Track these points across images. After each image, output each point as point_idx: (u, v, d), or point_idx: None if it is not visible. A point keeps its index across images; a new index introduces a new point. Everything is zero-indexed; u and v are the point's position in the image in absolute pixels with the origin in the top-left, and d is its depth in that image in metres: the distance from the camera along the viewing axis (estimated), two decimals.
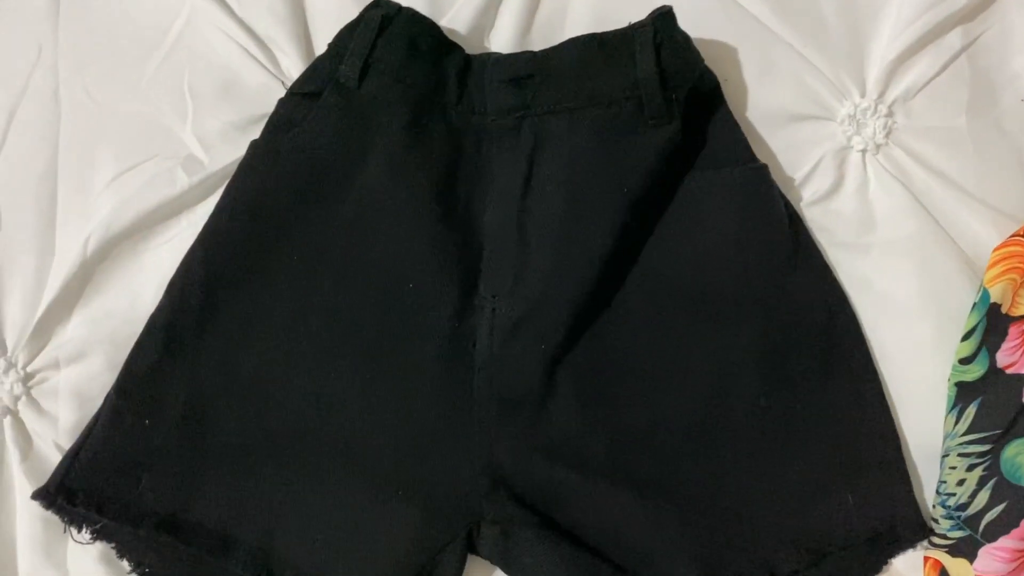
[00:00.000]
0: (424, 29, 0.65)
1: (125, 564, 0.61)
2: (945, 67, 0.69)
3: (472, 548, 0.61)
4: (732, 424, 0.62)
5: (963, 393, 0.62)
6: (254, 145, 0.65)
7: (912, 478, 0.62)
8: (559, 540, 0.59)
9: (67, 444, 0.63)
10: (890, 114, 0.69)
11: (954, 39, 0.69)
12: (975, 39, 0.69)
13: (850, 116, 0.68)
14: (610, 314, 0.63)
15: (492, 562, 0.62)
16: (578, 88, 0.63)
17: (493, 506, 0.60)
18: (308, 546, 0.61)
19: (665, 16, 0.63)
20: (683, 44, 0.64)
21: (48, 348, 0.67)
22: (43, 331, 0.67)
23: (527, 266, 0.63)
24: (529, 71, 0.64)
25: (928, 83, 0.69)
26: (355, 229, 0.64)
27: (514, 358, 0.62)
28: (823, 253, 0.65)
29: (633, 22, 0.64)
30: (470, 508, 0.61)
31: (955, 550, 0.61)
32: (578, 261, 0.62)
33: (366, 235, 0.64)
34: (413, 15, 0.65)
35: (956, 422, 0.62)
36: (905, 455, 0.62)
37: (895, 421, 0.63)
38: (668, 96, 0.62)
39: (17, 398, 0.66)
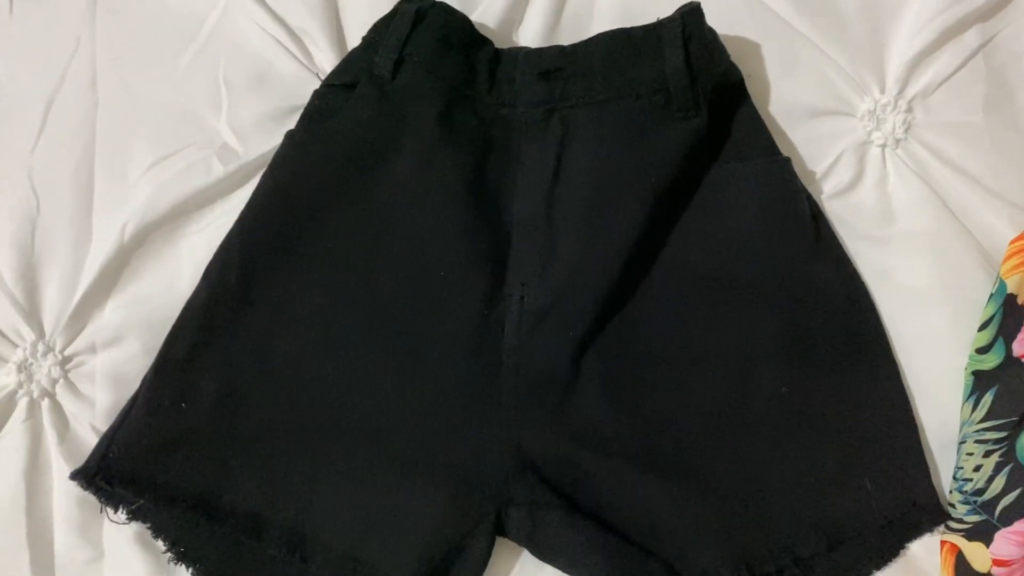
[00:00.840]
0: (456, 23, 0.66)
1: (160, 544, 0.62)
2: (963, 64, 0.70)
3: (501, 530, 0.62)
4: (754, 410, 0.63)
5: (980, 382, 0.64)
6: (290, 135, 0.66)
7: (929, 464, 0.63)
8: (585, 522, 0.60)
9: (103, 426, 0.64)
10: (909, 110, 0.70)
11: (972, 37, 0.70)
12: (992, 37, 0.71)
13: (870, 112, 0.70)
14: (636, 302, 0.65)
15: (520, 544, 0.63)
16: (606, 81, 0.65)
17: (520, 489, 0.61)
18: (340, 527, 0.62)
19: (693, 12, 0.65)
20: (710, 40, 0.65)
21: (85, 332, 0.68)
22: (80, 316, 0.68)
23: (555, 255, 0.64)
24: (558, 64, 0.65)
25: (946, 80, 0.70)
26: (387, 218, 0.65)
27: (541, 345, 0.63)
28: (843, 245, 0.66)
29: (661, 17, 0.65)
30: (498, 491, 0.62)
31: (972, 534, 0.62)
32: (605, 250, 0.63)
33: (398, 224, 0.65)
34: (446, 9, 0.66)
35: (973, 410, 0.63)
36: (923, 442, 0.64)
37: (913, 409, 0.64)
38: (695, 90, 0.63)
39: (55, 381, 0.67)
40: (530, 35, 0.71)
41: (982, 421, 0.63)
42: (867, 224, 0.68)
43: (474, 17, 0.69)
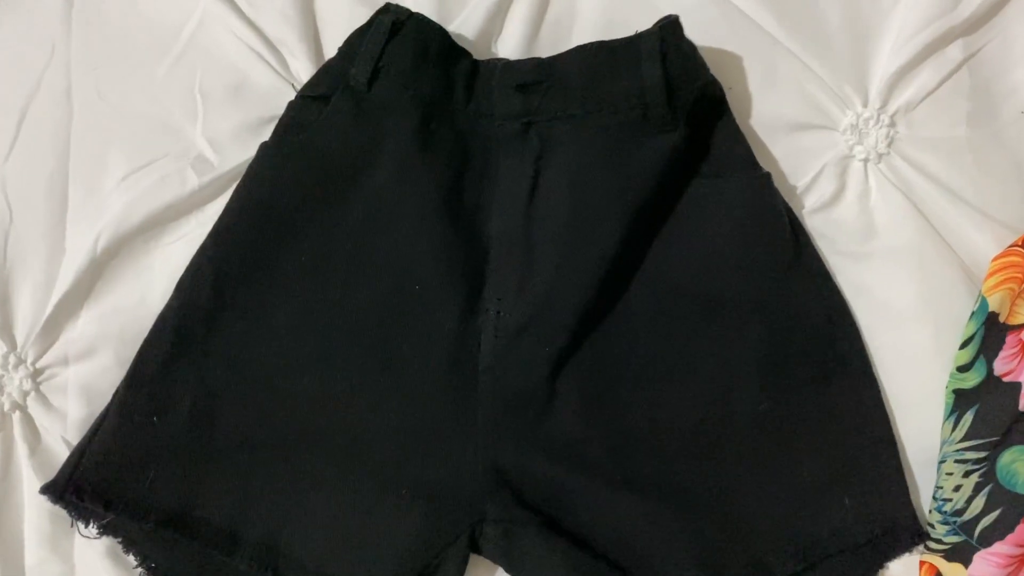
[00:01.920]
0: (434, 35, 0.65)
1: (131, 559, 0.61)
2: (946, 79, 0.69)
3: (475, 547, 0.61)
4: (733, 427, 0.62)
5: (961, 400, 0.63)
6: (264, 147, 0.65)
7: (909, 483, 0.63)
8: (561, 540, 0.60)
9: (75, 439, 0.64)
10: (892, 124, 0.69)
11: (955, 51, 0.69)
12: (976, 52, 0.70)
13: (852, 126, 0.69)
14: (614, 318, 0.64)
15: (494, 561, 0.62)
16: (584, 95, 0.64)
17: (496, 506, 0.61)
18: (313, 543, 0.61)
19: (672, 25, 0.64)
20: (689, 53, 0.64)
21: (58, 344, 0.67)
22: (53, 327, 0.67)
23: (532, 270, 0.64)
24: (536, 77, 0.65)
25: (930, 94, 0.69)
26: (363, 231, 0.64)
27: (518, 361, 0.63)
28: (824, 260, 0.66)
29: (640, 30, 0.65)
30: (473, 508, 0.61)
31: (951, 554, 0.62)
32: (582, 266, 0.63)
33: (374, 237, 0.64)
34: (423, 21, 0.65)
35: (953, 428, 0.63)
36: (903, 460, 0.63)
37: (893, 427, 0.63)
38: (673, 104, 0.63)
39: (26, 393, 0.66)
40: (509, 47, 0.71)
41: (962, 440, 0.62)
42: (848, 240, 0.68)
43: (452, 28, 0.69)
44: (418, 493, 0.62)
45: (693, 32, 0.65)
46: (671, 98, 0.63)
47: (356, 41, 0.65)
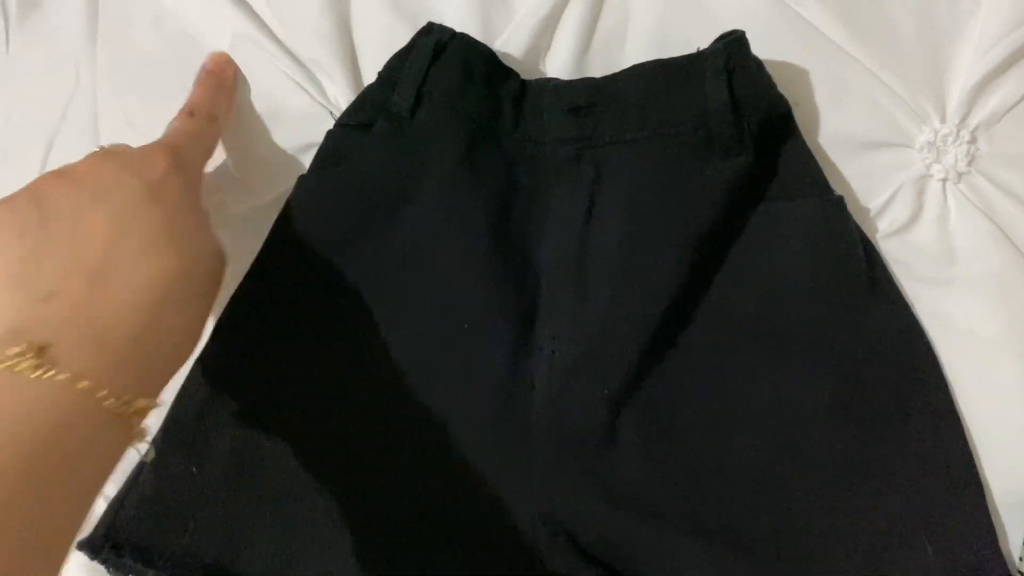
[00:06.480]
0: (479, 55, 0.62)
1: None
2: None
3: None
4: (804, 468, 0.59)
5: None
6: (303, 179, 0.62)
7: (997, 528, 0.58)
8: None
9: (112, 490, 0.61)
10: (972, 140, 0.65)
11: None
12: None
13: (929, 143, 0.65)
14: (675, 354, 0.61)
15: None
16: (643, 118, 0.60)
17: (552, 557, 0.58)
18: None
19: (738, 42, 0.60)
20: (756, 71, 0.60)
21: None
22: None
23: (587, 303, 0.60)
24: (590, 100, 0.61)
25: (1014, 107, 0.64)
26: (408, 266, 0.61)
27: (574, 401, 0.60)
28: (901, 288, 0.62)
29: (700, 43, 0.61)
30: (528, 559, 0.58)
31: None
32: (641, 298, 0.59)
33: (419, 272, 0.61)
34: (467, 41, 0.62)
35: None
36: (989, 503, 0.59)
37: (978, 467, 0.59)
38: (740, 126, 0.59)
39: None
40: (558, 64, 0.66)
41: None
42: (926, 265, 0.63)
43: (497, 45, 0.65)
44: (469, 543, 0.59)
45: (756, 44, 0.60)
46: (738, 120, 0.59)
47: (397, 65, 0.62)
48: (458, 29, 0.62)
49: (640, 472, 0.59)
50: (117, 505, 0.59)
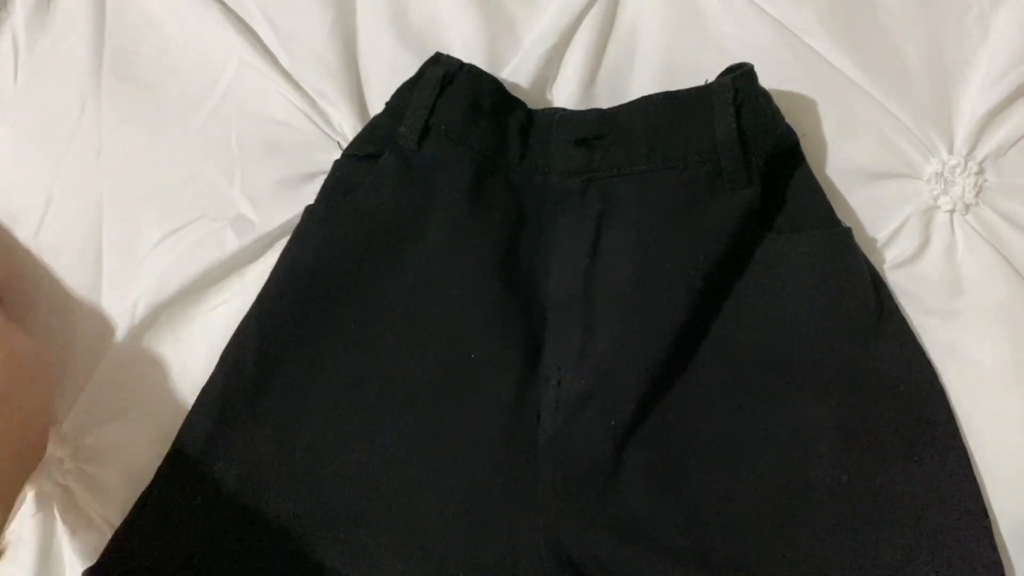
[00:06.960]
0: (486, 87, 0.62)
1: None
2: None
3: None
4: (811, 501, 0.58)
5: None
6: (310, 210, 0.62)
7: (1004, 561, 0.58)
8: None
9: (116, 519, 0.61)
10: (980, 172, 0.65)
11: None
12: None
13: (937, 174, 0.65)
14: (682, 387, 0.60)
15: None
16: (651, 150, 0.60)
17: None
18: None
19: (746, 75, 0.60)
20: (764, 104, 0.60)
21: (96, 418, 0.64)
22: (92, 399, 0.64)
23: (594, 336, 0.60)
24: (598, 131, 0.61)
25: (1021, 139, 0.64)
26: (415, 297, 0.61)
27: (580, 433, 0.59)
28: (908, 320, 0.62)
29: (707, 74, 0.61)
30: None
31: None
32: (648, 331, 0.59)
33: (426, 303, 0.61)
34: (475, 73, 0.62)
35: None
36: (996, 535, 0.59)
37: (985, 499, 0.59)
38: (748, 160, 0.59)
39: (67, 472, 0.63)
40: (565, 94, 0.66)
41: None
42: (934, 297, 0.63)
43: (504, 74, 0.65)
44: (474, 575, 0.58)
45: (764, 74, 0.60)
46: (746, 153, 0.59)
47: (404, 95, 0.62)
48: (465, 58, 0.62)
49: (646, 504, 0.59)
50: (122, 534, 0.58)
